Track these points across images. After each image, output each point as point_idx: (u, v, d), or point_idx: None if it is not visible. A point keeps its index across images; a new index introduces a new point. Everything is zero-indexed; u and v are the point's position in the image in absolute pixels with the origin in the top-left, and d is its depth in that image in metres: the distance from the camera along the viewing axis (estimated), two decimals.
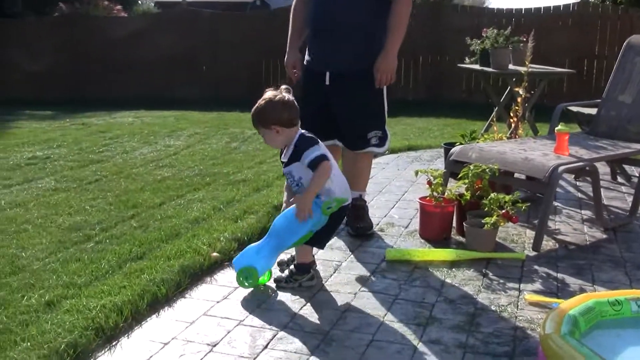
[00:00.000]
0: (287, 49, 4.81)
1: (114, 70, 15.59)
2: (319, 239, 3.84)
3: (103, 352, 3.05)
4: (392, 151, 7.93)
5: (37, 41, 16.00)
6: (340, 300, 3.62)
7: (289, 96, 3.72)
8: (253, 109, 3.74)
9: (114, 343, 3.13)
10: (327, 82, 4.54)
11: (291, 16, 4.85)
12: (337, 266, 4.13)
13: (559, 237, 4.70)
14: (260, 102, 3.73)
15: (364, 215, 4.77)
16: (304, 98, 4.61)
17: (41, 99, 15.19)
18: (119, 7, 19.81)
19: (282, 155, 3.82)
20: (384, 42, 4.46)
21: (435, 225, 4.63)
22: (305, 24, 4.73)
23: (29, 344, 3.00)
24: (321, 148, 3.70)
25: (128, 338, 3.19)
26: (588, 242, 4.60)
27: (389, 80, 4.49)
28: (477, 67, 7.99)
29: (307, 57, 4.73)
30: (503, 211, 4.28)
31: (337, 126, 4.65)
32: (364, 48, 4.47)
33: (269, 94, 3.74)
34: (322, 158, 3.64)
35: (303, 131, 3.78)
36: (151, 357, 3.00)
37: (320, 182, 3.64)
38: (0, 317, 3.32)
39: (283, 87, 3.78)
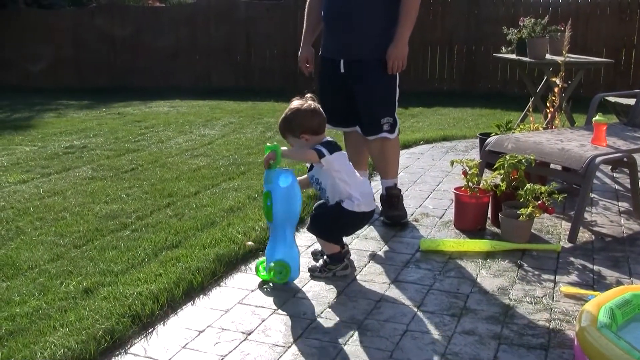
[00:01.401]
0: (301, 44, 4.98)
1: (149, 60, 15.67)
2: (330, 234, 3.83)
3: (139, 338, 3.09)
4: (427, 141, 7.91)
5: (74, 31, 16.14)
6: (375, 290, 3.63)
7: (315, 104, 3.75)
8: (281, 119, 3.75)
9: (150, 330, 3.17)
10: (342, 70, 4.66)
11: (306, 11, 5.01)
12: (372, 256, 4.13)
13: (595, 228, 4.65)
14: (288, 111, 3.73)
15: (398, 204, 4.80)
16: (322, 87, 4.84)
17: (79, 88, 15.35)
18: None
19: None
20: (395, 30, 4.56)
21: (470, 216, 4.61)
22: (320, 19, 4.82)
23: (67, 329, 3.05)
24: (328, 152, 3.64)
25: (164, 325, 3.23)
26: (625, 234, 4.55)
27: (400, 67, 4.57)
28: (513, 56, 7.91)
29: (322, 49, 4.84)
30: (539, 202, 4.25)
31: (358, 112, 4.75)
32: (377, 36, 4.56)
33: (295, 103, 3.75)
34: (319, 152, 3.62)
35: (329, 138, 3.79)
36: (186, 344, 3.03)
37: (295, 155, 3.76)
38: (40, 303, 3.38)
39: (308, 95, 3.81)
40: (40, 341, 2.96)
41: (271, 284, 3.69)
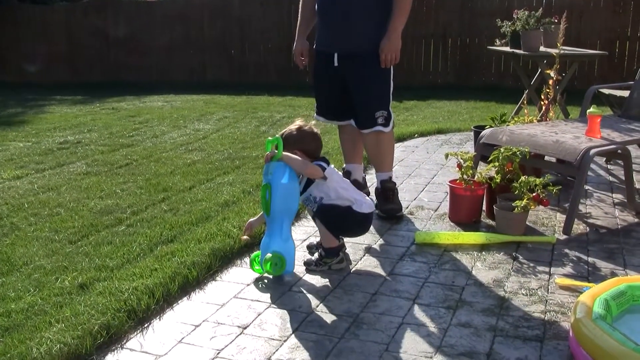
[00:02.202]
0: (296, 37, 4.95)
1: (143, 55, 15.66)
2: (333, 228, 3.80)
3: (135, 333, 3.09)
4: (422, 134, 7.91)
5: (68, 27, 16.13)
6: (370, 283, 3.63)
7: (317, 130, 3.87)
8: (283, 132, 3.82)
9: (145, 325, 3.17)
10: (336, 64, 4.65)
11: (300, 4, 4.99)
12: (367, 249, 4.13)
13: (590, 220, 4.66)
14: (292, 127, 3.82)
15: (394, 197, 4.80)
16: (316, 81, 4.88)
17: (73, 83, 15.34)
18: None
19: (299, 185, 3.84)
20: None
21: (465, 209, 4.61)
22: (315, 12, 4.81)
23: (63, 325, 3.05)
24: (325, 164, 3.74)
25: (159, 320, 3.23)
26: (619, 226, 4.56)
27: (393, 60, 4.58)
28: (507, 49, 7.91)
29: (316, 43, 4.82)
30: (534, 194, 4.26)
31: (352, 106, 4.76)
32: (371, 30, 4.56)
33: (299, 122, 3.86)
34: (320, 166, 3.69)
35: (320, 162, 3.80)
36: (182, 339, 3.03)
37: (297, 164, 3.65)
38: (35, 298, 3.38)
39: (313, 122, 3.95)
40: (36, 337, 2.96)
41: (266, 280, 3.69)
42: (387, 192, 4.80)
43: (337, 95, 4.71)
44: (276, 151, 3.63)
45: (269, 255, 3.63)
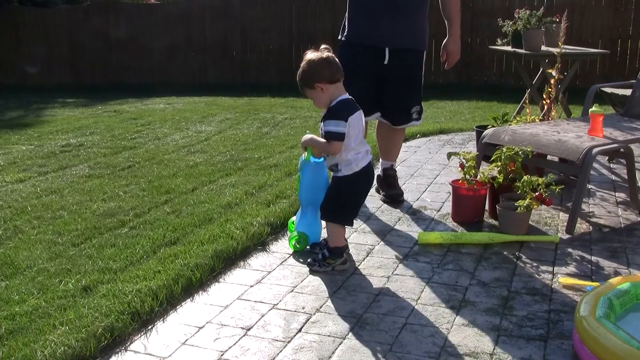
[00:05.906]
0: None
1: (144, 57, 15.68)
2: (342, 210, 3.81)
3: (139, 336, 3.09)
4: (424, 134, 7.91)
5: (69, 30, 16.15)
6: (374, 283, 3.63)
7: (328, 54, 3.71)
8: (298, 73, 3.74)
9: (149, 327, 3.17)
10: (387, 58, 4.71)
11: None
12: (370, 250, 4.13)
13: (593, 219, 4.66)
14: (302, 64, 3.71)
15: (395, 183, 5.10)
16: (356, 75, 4.42)
17: (75, 86, 15.36)
18: None
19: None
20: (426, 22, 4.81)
21: (467, 209, 4.61)
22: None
23: (67, 327, 3.05)
24: (342, 126, 3.61)
25: (163, 322, 3.23)
26: (622, 225, 4.55)
27: (455, 61, 4.91)
28: (509, 48, 7.91)
29: (356, 35, 4.76)
30: (536, 194, 4.26)
31: (382, 102, 4.86)
32: (420, 25, 4.75)
33: (309, 55, 3.71)
34: (336, 137, 3.61)
35: (346, 97, 3.73)
36: (186, 340, 3.03)
37: (325, 150, 3.74)
38: (39, 301, 3.38)
39: (323, 46, 3.77)
40: (40, 340, 2.96)
41: (269, 282, 3.69)
42: (389, 178, 5.10)
43: (370, 90, 4.73)
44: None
45: (293, 233, 4.12)
